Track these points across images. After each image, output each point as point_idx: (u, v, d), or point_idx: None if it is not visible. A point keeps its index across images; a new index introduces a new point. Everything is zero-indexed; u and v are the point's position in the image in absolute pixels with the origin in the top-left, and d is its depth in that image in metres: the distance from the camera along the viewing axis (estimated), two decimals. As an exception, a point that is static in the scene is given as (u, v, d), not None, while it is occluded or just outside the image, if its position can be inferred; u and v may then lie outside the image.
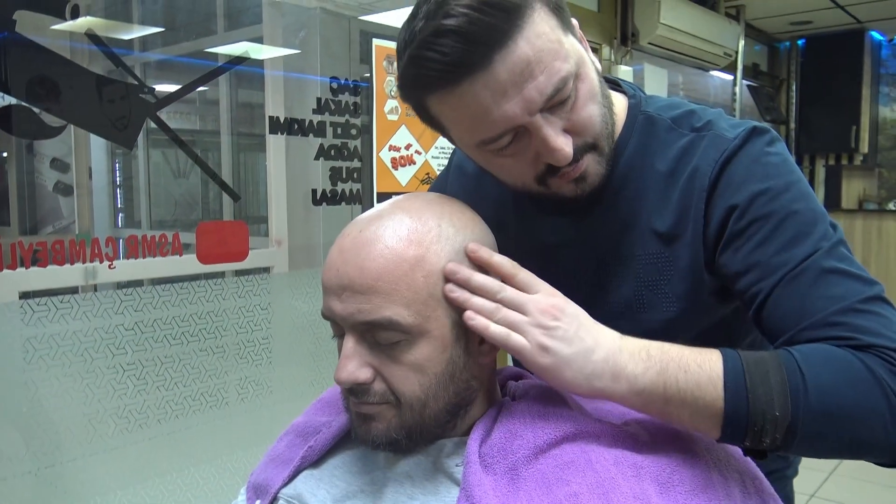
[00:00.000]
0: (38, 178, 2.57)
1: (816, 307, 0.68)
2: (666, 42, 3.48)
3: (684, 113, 0.82)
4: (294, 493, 0.77)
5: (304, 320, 2.09)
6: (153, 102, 1.71)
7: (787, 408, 0.62)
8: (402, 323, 0.65)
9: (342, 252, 0.68)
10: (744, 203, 0.73)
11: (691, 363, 0.66)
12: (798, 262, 0.70)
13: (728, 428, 0.64)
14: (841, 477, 3.21)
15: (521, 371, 0.81)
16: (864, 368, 0.63)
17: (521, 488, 0.65)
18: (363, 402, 0.68)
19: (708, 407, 0.64)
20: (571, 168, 0.75)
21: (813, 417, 0.62)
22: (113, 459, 1.67)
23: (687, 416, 0.66)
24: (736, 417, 0.64)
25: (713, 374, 0.65)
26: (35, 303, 1.50)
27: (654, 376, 0.66)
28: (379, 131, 2.17)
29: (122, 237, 1.68)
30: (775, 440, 0.63)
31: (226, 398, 1.89)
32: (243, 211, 2.56)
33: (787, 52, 4.98)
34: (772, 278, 0.71)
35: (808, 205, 0.73)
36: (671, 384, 0.65)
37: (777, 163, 0.75)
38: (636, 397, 0.66)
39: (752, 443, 0.65)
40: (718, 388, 0.64)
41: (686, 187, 0.78)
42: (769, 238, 0.72)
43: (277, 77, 2.05)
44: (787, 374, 0.64)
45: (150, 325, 1.70)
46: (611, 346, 0.68)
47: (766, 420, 0.63)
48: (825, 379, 0.63)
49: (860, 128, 4.64)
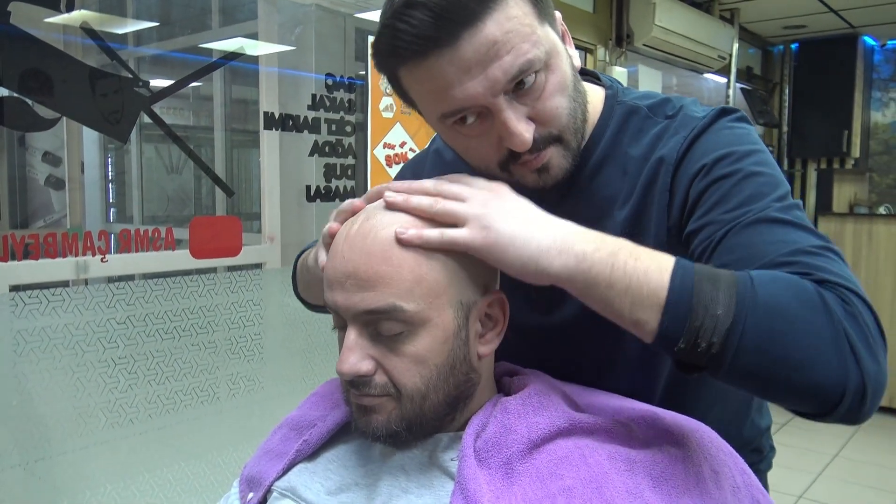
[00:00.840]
0: (30, 171, 2.55)
1: (768, 251, 0.65)
2: (661, 44, 3.50)
3: (659, 101, 0.83)
4: (288, 485, 0.77)
5: (295, 317, 2.09)
6: (147, 96, 1.71)
7: (731, 308, 0.59)
8: (406, 310, 0.65)
9: (348, 239, 0.68)
10: (709, 163, 0.74)
11: (643, 254, 0.64)
12: (752, 213, 0.68)
13: (666, 319, 0.60)
14: (830, 479, 3.24)
15: (516, 367, 0.81)
16: (817, 294, 0.60)
17: (515, 483, 0.65)
18: (364, 395, 0.68)
19: (651, 295, 0.61)
20: (533, 157, 0.75)
21: (755, 324, 0.59)
22: (103, 453, 1.66)
23: (627, 304, 0.62)
24: (677, 309, 0.60)
25: (662, 265, 0.62)
26: (26, 295, 1.49)
27: (605, 256, 0.63)
28: (374, 128, 2.17)
29: (115, 232, 1.67)
30: (711, 345, 0.59)
31: (217, 393, 1.89)
32: (236, 207, 2.55)
33: (781, 56, 5.01)
34: (722, 230, 0.69)
35: (770, 170, 0.73)
36: (619, 267, 0.62)
37: (742, 134, 0.76)
38: (581, 276, 0.63)
39: (686, 343, 0.60)
40: (664, 278, 0.61)
41: (655, 165, 0.78)
42: (725, 197, 0.71)
43: (272, 73, 2.05)
44: (738, 281, 0.60)
45: (141, 320, 1.70)
46: (558, 227, 0.66)
47: (707, 317, 0.59)
48: (774, 291, 0.60)
49: (852, 132, 4.66)
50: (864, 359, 0.58)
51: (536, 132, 0.74)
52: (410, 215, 0.69)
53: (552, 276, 0.65)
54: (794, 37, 4.80)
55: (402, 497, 0.69)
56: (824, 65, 4.77)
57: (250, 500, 0.81)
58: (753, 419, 0.97)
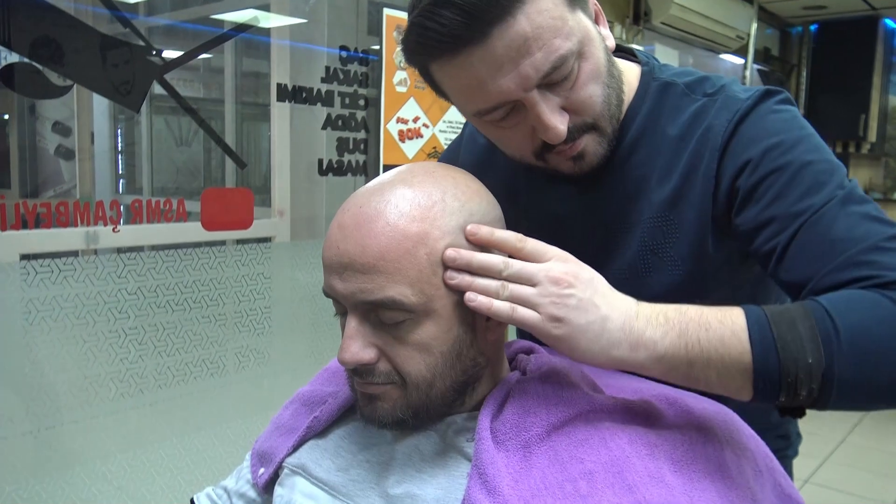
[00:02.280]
0: (40, 141, 2.55)
1: (837, 250, 0.65)
2: (679, 22, 3.44)
3: (697, 79, 0.82)
4: (298, 462, 0.76)
5: (304, 291, 2.09)
6: (160, 65, 1.68)
7: (820, 353, 0.59)
8: (406, 303, 0.63)
9: (342, 228, 0.65)
10: (756, 157, 0.72)
11: (712, 320, 0.62)
12: (815, 209, 0.68)
13: (760, 382, 0.60)
14: (836, 464, 3.24)
15: (532, 345, 0.80)
16: (892, 305, 0.60)
17: (534, 465, 0.64)
18: (368, 383, 0.66)
19: (735, 363, 0.61)
20: (568, 146, 0.74)
21: (848, 360, 0.59)
22: (113, 423, 1.67)
23: (714, 377, 0.62)
24: (766, 369, 0.60)
25: (736, 328, 0.61)
26: (38, 264, 1.49)
27: (675, 339, 0.62)
28: (387, 103, 2.15)
29: (125, 203, 1.66)
30: (812, 391, 0.60)
31: (225, 366, 1.89)
32: (246, 181, 2.54)
33: (800, 37, 4.93)
34: (790, 229, 0.68)
35: (822, 156, 0.72)
36: (693, 345, 0.62)
37: (788, 118, 0.75)
38: (657, 364, 0.63)
39: (787, 398, 0.61)
40: (744, 342, 0.61)
41: (697, 147, 0.77)
42: (784, 191, 0.70)
43: (284, 46, 2.02)
44: (816, 319, 0.60)
45: (152, 291, 1.70)
46: (627, 312, 0.64)
47: (800, 368, 0.59)
48: (855, 320, 0.60)
49: (869, 116, 4.60)
50: None
51: (570, 122, 0.73)
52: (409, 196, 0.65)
53: (627, 369, 0.65)
54: (814, 18, 4.72)
55: (415, 477, 0.68)
56: (843, 47, 4.69)
57: (261, 475, 0.81)
58: None
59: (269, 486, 0.80)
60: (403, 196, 0.65)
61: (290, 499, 0.73)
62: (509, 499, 0.60)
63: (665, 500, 0.60)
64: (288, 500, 0.74)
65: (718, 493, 0.63)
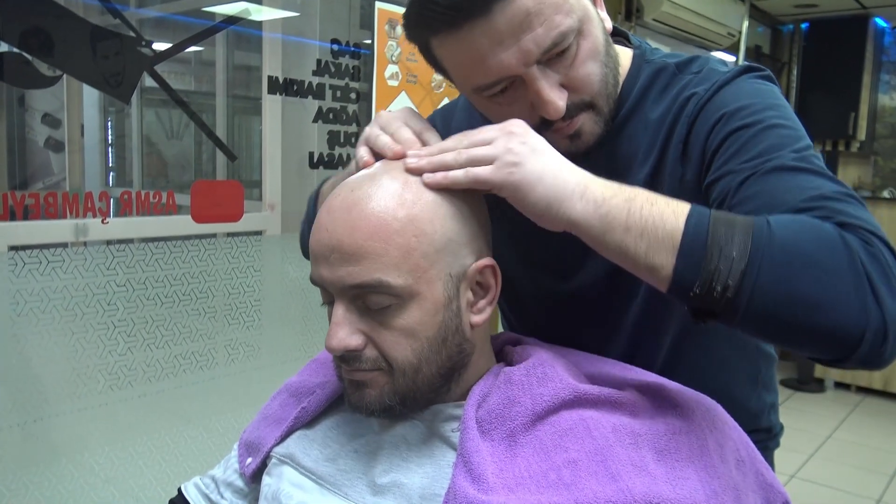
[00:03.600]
0: (29, 132, 2.53)
1: (787, 197, 0.64)
2: (670, 19, 3.45)
3: (687, 59, 0.83)
4: (286, 452, 0.76)
5: (294, 285, 2.08)
6: (150, 56, 1.68)
7: (747, 249, 0.58)
8: (393, 285, 0.63)
9: (331, 212, 0.66)
10: (729, 112, 0.73)
11: (659, 200, 0.63)
12: (770, 162, 0.67)
13: (681, 263, 0.60)
14: (823, 459, 3.26)
15: (519, 336, 0.81)
16: (837, 235, 0.59)
17: (518, 454, 0.64)
18: (355, 370, 0.67)
19: (666, 237, 0.61)
20: (565, 124, 0.75)
21: (771, 267, 0.57)
22: (102, 415, 1.67)
23: (643, 249, 0.62)
24: (692, 251, 0.59)
25: (678, 209, 0.62)
26: (26, 255, 1.48)
27: (621, 202, 0.63)
28: (379, 96, 2.15)
29: (114, 196, 1.66)
30: (727, 288, 0.58)
31: (215, 359, 1.89)
32: (236, 174, 2.53)
33: (791, 35, 4.95)
34: (741, 177, 0.68)
35: (792, 125, 0.72)
36: (635, 211, 0.62)
37: (764, 90, 0.76)
38: (598, 221, 0.63)
39: (701, 287, 0.59)
40: (680, 220, 0.61)
41: (674, 118, 0.78)
42: (744, 146, 0.70)
43: (276, 39, 2.01)
44: (755, 223, 0.60)
45: (141, 283, 1.69)
46: (580, 172, 0.66)
47: (722, 257, 0.58)
48: (791, 234, 0.59)
49: (858, 115, 4.62)
50: (885, 299, 0.57)
51: (569, 99, 0.73)
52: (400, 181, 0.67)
53: (570, 221, 0.64)
54: (805, 16, 4.74)
55: (401, 466, 0.69)
56: (834, 45, 4.71)
57: (249, 464, 0.81)
58: (760, 393, 0.96)
59: (257, 475, 0.81)
60: (392, 182, 0.66)
61: (278, 488, 0.74)
62: (494, 487, 0.61)
63: (648, 488, 0.61)
64: (276, 489, 0.74)
65: (701, 482, 0.64)
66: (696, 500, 0.62)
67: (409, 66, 2.20)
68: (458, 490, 0.62)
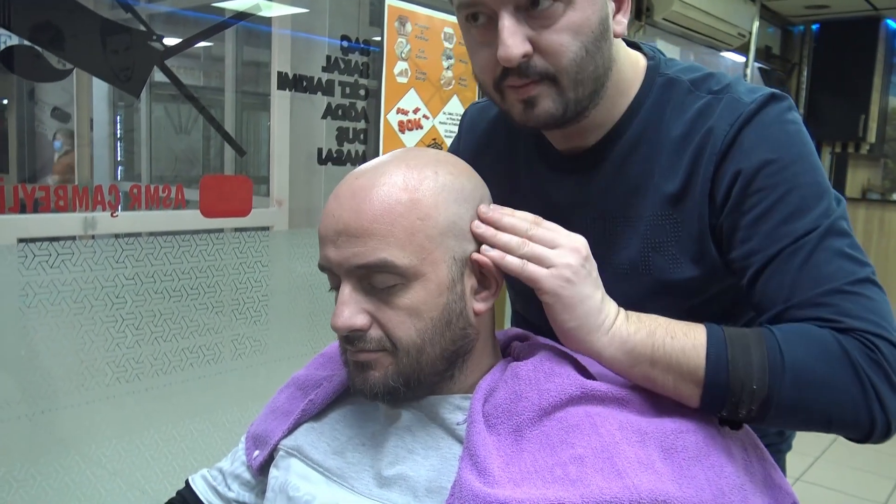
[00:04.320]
0: (39, 126, 2.54)
1: (805, 286, 0.70)
2: (680, 19, 3.44)
3: (703, 76, 0.82)
4: (294, 444, 0.77)
5: (301, 281, 2.09)
6: (161, 51, 1.68)
7: (765, 382, 0.65)
8: (398, 264, 0.65)
9: (338, 198, 0.68)
10: (751, 170, 0.74)
11: (678, 331, 0.68)
12: (795, 238, 0.71)
13: (707, 396, 0.67)
14: (828, 462, 3.25)
15: (526, 332, 0.81)
16: (841, 350, 0.66)
17: (525, 449, 0.65)
18: (360, 350, 0.68)
19: (691, 374, 0.67)
20: (521, 84, 0.74)
21: (787, 393, 0.65)
22: (109, 408, 1.67)
23: (671, 381, 0.68)
24: (716, 387, 0.66)
25: (697, 343, 0.68)
26: (36, 247, 1.49)
27: (644, 337, 0.68)
28: (388, 93, 2.15)
29: (123, 190, 1.66)
30: (751, 412, 0.66)
31: (222, 354, 1.89)
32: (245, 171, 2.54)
33: (801, 36, 4.93)
34: (767, 252, 0.72)
35: (815, 178, 0.73)
36: (658, 347, 0.68)
37: (791, 132, 0.75)
38: (625, 356, 0.68)
39: (729, 413, 0.67)
40: (701, 357, 0.67)
41: (698, 148, 0.78)
42: (771, 210, 0.72)
43: (285, 35, 2.02)
44: (768, 350, 0.66)
45: (149, 277, 1.70)
46: (613, 308, 0.71)
47: (744, 391, 0.66)
48: (801, 357, 0.66)
49: (869, 117, 4.60)
50: (888, 402, 0.65)
51: (533, 60, 0.73)
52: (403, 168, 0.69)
53: (593, 352, 0.69)
54: (816, 17, 4.72)
55: (407, 458, 0.69)
56: (845, 47, 4.69)
57: (256, 457, 0.81)
58: None
59: (264, 468, 0.81)
60: (398, 168, 0.68)
61: (286, 480, 0.74)
62: (500, 481, 0.61)
63: (654, 486, 0.61)
64: (283, 481, 0.74)
65: (708, 481, 0.64)
66: (703, 499, 0.62)
67: (418, 63, 2.20)
68: (464, 483, 0.62)
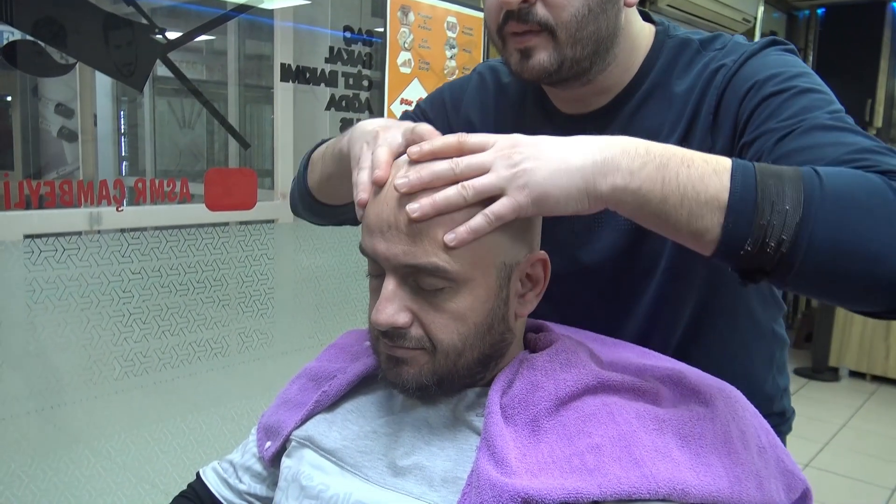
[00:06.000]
0: (43, 122, 2.53)
1: (827, 152, 0.63)
2: (685, 4, 3.42)
3: (712, 37, 0.85)
4: (306, 435, 0.76)
5: (306, 273, 2.09)
6: (164, 44, 1.67)
7: (800, 202, 0.55)
8: (449, 270, 0.63)
9: (392, 189, 0.64)
10: (761, 80, 0.75)
11: (696, 158, 0.60)
12: (806, 121, 0.67)
13: (730, 222, 0.57)
14: (837, 448, 3.25)
15: (541, 323, 0.80)
16: (885, 184, 0.57)
17: (542, 440, 0.64)
18: (397, 346, 0.66)
19: (711, 199, 0.57)
20: (521, 31, 0.77)
21: (826, 218, 0.55)
22: (117, 402, 1.68)
23: (685, 216, 0.58)
24: (741, 207, 0.56)
25: (719, 167, 0.58)
26: (42, 242, 1.49)
27: (652, 171, 0.59)
28: (391, 84, 2.14)
29: (128, 185, 1.66)
30: (781, 243, 0.56)
31: (229, 347, 1.89)
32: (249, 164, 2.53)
33: (807, 21, 4.89)
34: (777, 136, 0.68)
35: (823, 90, 0.73)
36: (671, 179, 0.58)
37: (791, 60, 0.78)
38: (631, 196, 0.59)
39: (753, 246, 0.56)
40: (724, 180, 0.58)
41: (702, 91, 0.80)
42: (778, 109, 0.71)
43: (287, 28, 2.01)
44: (804, 175, 0.57)
45: (156, 271, 1.70)
46: (594, 147, 0.61)
47: (775, 213, 0.55)
48: (842, 184, 0.57)
49: (875, 101, 4.57)
50: None
51: (535, 8, 0.76)
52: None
53: (603, 201, 0.61)
54: (822, 1, 4.68)
55: (424, 449, 0.68)
56: (850, 31, 4.65)
57: (268, 448, 0.81)
58: (774, 376, 0.96)
59: (276, 459, 0.81)
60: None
61: (298, 470, 0.74)
62: (517, 471, 0.60)
63: (672, 475, 0.60)
64: (296, 471, 0.74)
65: (724, 469, 0.63)
66: (720, 486, 0.62)
67: (421, 53, 2.19)
68: (481, 473, 0.61)
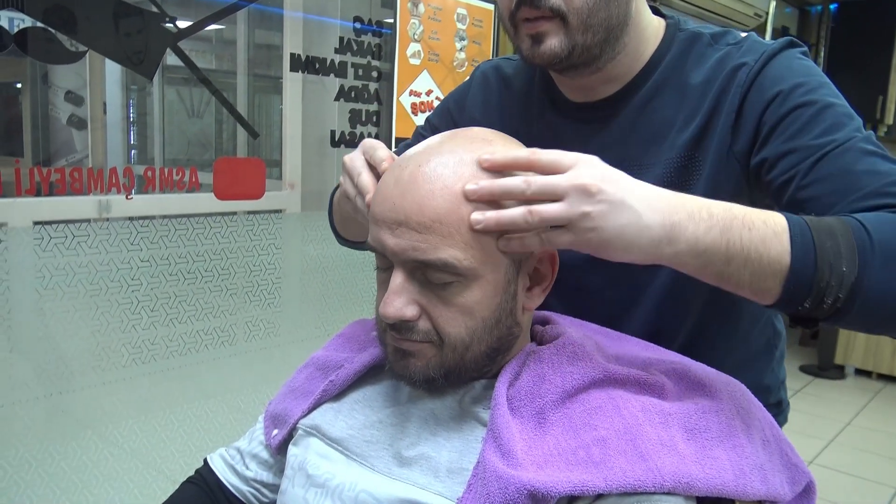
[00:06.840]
0: (52, 110, 2.54)
1: (863, 182, 0.67)
2: (696, -1, 3.40)
3: (722, 31, 0.86)
4: (313, 424, 0.77)
5: (313, 263, 2.09)
6: (174, 32, 1.68)
7: (855, 262, 0.60)
8: (458, 266, 0.63)
9: (400, 184, 0.64)
10: (786, 90, 0.76)
11: (756, 220, 0.62)
12: (839, 143, 0.70)
13: (791, 284, 0.61)
14: (841, 446, 3.24)
15: (548, 315, 0.80)
16: None
17: (548, 432, 0.64)
18: (405, 339, 0.67)
19: (773, 263, 0.61)
20: (533, 16, 0.77)
21: (878, 274, 0.60)
22: (125, 389, 1.69)
23: (748, 276, 0.62)
24: (802, 272, 0.61)
25: (778, 230, 0.62)
26: (52, 229, 1.50)
27: (717, 236, 0.62)
28: (400, 75, 2.13)
29: (137, 173, 1.67)
30: (837, 300, 0.61)
31: (236, 336, 1.90)
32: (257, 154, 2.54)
33: (819, 17, 4.85)
34: (812, 157, 0.70)
35: (843, 102, 0.76)
36: (734, 242, 0.62)
37: (811, 66, 0.80)
38: (695, 259, 0.62)
39: (812, 302, 0.61)
40: (784, 243, 0.61)
41: (722, 87, 0.80)
42: (808, 124, 0.73)
43: (297, 18, 2.00)
44: (853, 230, 0.62)
45: (164, 259, 1.70)
46: (664, 208, 0.62)
47: (833, 275, 0.60)
48: (888, 236, 0.61)
49: (887, 98, 4.54)
50: None
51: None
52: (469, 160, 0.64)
53: (664, 262, 0.64)
54: (834, -4, 4.65)
55: (430, 440, 0.69)
56: (863, 27, 4.61)
57: (275, 436, 0.82)
58: (774, 368, 0.97)
59: (282, 447, 0.81)
60: (463, 161, 0.65)
61: (305, 458, 0.74)
62: (523, 462, 0.61)
63: (677, 468, 0.61)
64: (302, 459, 0.74)
65: (730, 462, 0.63)
66: (725, 479, 0.62)
67: (431, 44, 2.18)
68: (487, 464, 0.62)
